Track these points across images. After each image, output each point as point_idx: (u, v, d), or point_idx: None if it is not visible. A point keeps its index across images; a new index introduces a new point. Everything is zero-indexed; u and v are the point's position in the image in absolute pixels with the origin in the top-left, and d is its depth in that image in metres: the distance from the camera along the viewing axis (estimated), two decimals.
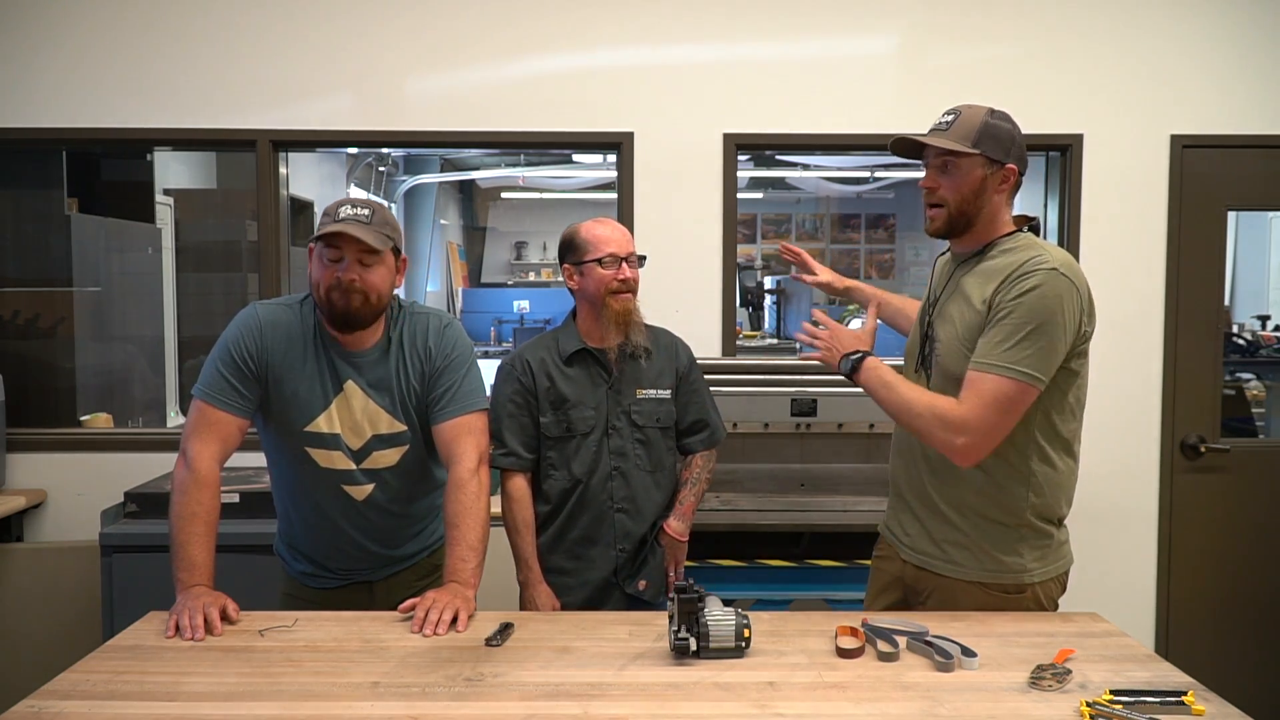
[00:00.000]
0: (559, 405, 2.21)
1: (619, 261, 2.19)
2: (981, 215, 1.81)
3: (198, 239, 4.79)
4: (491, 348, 7.76)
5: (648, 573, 2.27)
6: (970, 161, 1.77)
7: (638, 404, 2.25)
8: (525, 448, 2.22)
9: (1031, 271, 1.70)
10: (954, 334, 1.80)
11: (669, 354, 2.33)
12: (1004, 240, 1.82)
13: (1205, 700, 1.43)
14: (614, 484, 2.23)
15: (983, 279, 1.79)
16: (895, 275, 10.88)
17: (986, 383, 1.69)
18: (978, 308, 1.76)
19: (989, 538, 1.83)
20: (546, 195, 9.84)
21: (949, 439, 1.72)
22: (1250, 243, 6.39)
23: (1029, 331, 1.68)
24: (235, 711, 1.41)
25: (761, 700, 1.43)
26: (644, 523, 2.26)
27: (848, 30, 3.30)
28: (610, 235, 2.21)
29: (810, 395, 2.92)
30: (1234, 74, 3.27)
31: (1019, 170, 1.81)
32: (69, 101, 3.23)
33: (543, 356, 2.24)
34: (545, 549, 2.24)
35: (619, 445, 2.23)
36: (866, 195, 9.67)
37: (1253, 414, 4.06)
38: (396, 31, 3.25)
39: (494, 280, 11.07)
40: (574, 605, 2.21)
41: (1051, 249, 1.77)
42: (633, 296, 2.22)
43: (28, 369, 3.47)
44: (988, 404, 1.69)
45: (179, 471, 1.86)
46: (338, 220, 1.85)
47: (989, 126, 1.77)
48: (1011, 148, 1.79)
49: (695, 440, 2.36)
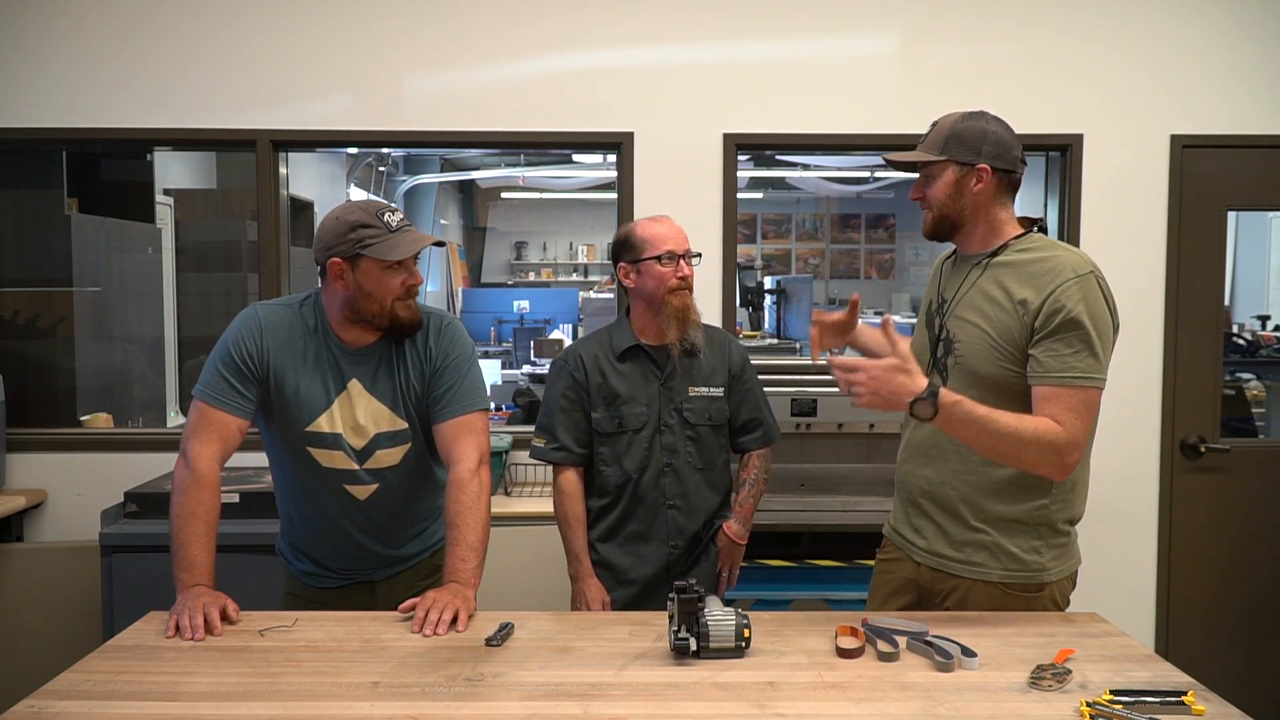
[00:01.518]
0: (611, 401, 2.24)
1: (677, 259, 2.22)
2: (969, 215, 1.85)
3: (198, 239, 4.80)
4: (491, 348, 7.76)
5: (699, 571, 2.29)
6: (941, 167, 1.83)
7: (689, 401, 2.27)
8: (577, 443, 2.25)
9: (1075, 278, 1.73)
10: (980, 334, 1.80)
11: (721, 352, 2.35)
12: (1018, 241, 1.84)
13: (1205, 700, 1.43)
14: (666, 480, 2.25)
15: (1009, 279, 1.80)
16: (895, 275, 10.89)
17: (1076, 396, 1.71)
18: (1008, 307, 1.77)
19: (1013, 539, 1.83)
20: (546, 195, 9.84)
21: (1062, 461, 1.71)
22: (1250, 243, 6.40)
23: (1093, 338, 1.72)
24: (235, 711, 1.40)
25: (761, 700, 1.43)
26: (697, 520, 2.28)
27: (848, 30, 3.30)
28: (668, 233, 2.24)
29: (810, 395, 2.92)
30: (1234, 74, 3.27)
31: (993, 169, 1.81)
32: (69, 101, 3.23)
33: (596, 353, 2.28)
34: (599, 541, 2.27)
35: (670, 442, 2.25)
36: (866, 195, 9.67)
37: (1253, 414, 4.06)
38: (396, 31, 3.25)
39: (494, 280, 11.08)
40: (625, 600, 2.24)
41: (1072, 250, 1.81)
42: (690, 293, 2.25)
43: (28, 369, 3.47)
44: (1084, 417, 1.71)
45: (179, 472, 1.86)
46: (394, 231, 1.87)
47: (957, 130, 1.82)
48: (983, 145, 1.81)
49: (749, 439, 2.38)
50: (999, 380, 1.77)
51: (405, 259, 1.87)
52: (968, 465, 1.83)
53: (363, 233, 1.85)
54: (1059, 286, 1.73)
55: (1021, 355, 1.76)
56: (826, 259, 10.93)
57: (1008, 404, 1.73)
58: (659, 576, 2.26)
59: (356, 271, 1.87)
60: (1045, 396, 1.72)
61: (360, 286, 1.87)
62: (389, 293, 1.88)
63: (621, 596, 2.25)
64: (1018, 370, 1.76)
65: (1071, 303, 1.71)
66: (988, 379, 1.78)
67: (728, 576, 2.38)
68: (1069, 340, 1.71)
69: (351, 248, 1.85)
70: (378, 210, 1.88)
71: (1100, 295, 1.74)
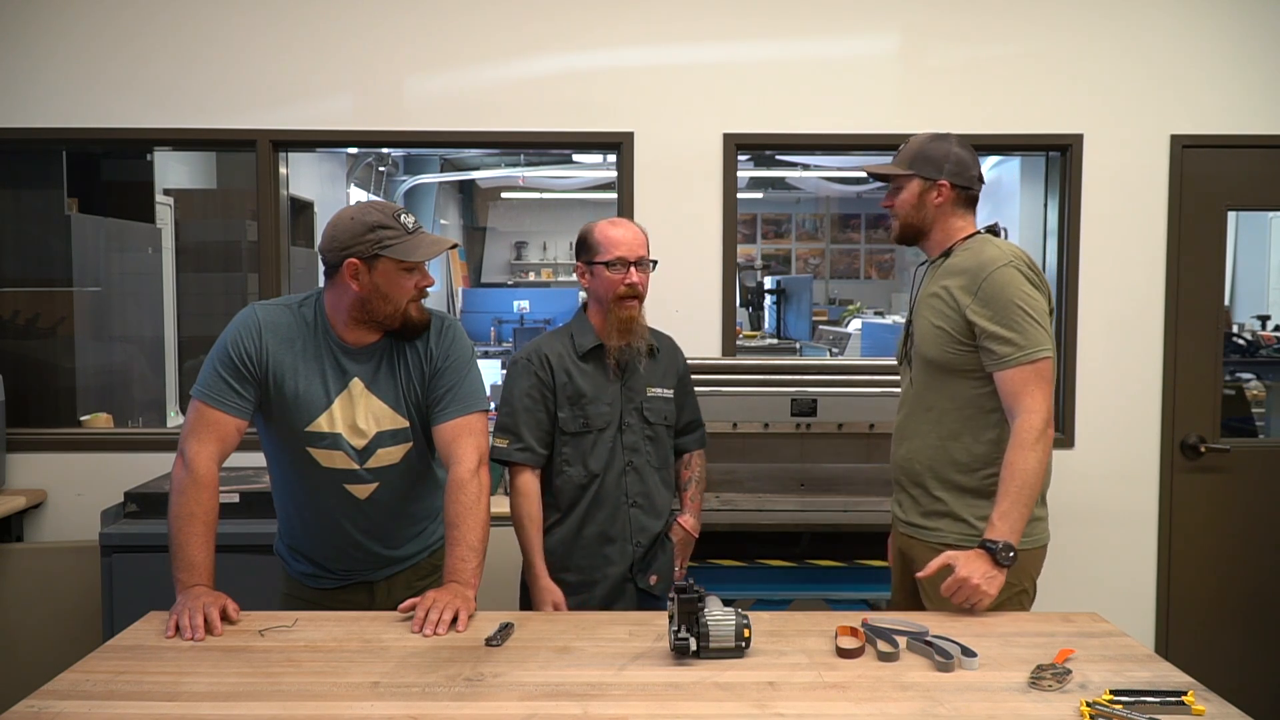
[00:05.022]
0: (576, 400, 2.22)
1: (627, 265, 2.18)
2: (930, 224, 2.09)
3: (198, 239, 4.80)
4: (491, 348, 7.76)
5: (658, 568, 2.29)
6: (908, 180, 2.09)
7: (649, 401, 2.27)
8: (540, 443, 2.22)
9: (993, 271, 1.94)
10: (929, 326, 2.04)
11: (670, 355, 2.38)
12: (961, 244, 2.07)
13: (1205, 700, 1.43)
14: (628, 479, 2.25)
15: (948, 276, 2.03)
16: (895, 275, 10.88)
17: (1029, 372, 1.90)
18: (947, 300, 2.00)
19: (969, 507, 2.00)
20: (546, 195, 9.84)
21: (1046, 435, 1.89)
22: (1250, 243, 6.40)
23: (1027, 316, 1.91)
24: (235, 711, 1.40)
25: (761, 700, 1.43)
26: (658, 518, 2.29)
27: (848, 30, 3.30)
28: (621, 237, 2.20)
29: (810, 395, 2.92)
30: (1234, 74, 3.27)
31: (952, 185, 2.06)
32: (69, 101, 3.23)
33: (560, 351, 2.25)
34: (563, 548, 2.23)
35: (632, 441, 2.25)
36: (866, 195, 9.67)
37: (1253, 414, 4.06)
38: (396, 31, 3.25)
39: (494, 280, 11.08)
40: (594, 601, 2.21)
41: (1002, 244, 2.02)
42: (638, 304, 2.22)
43: (28, 369, 3.47)
44: (1043, 389, 1.90)
45: (177, 472, 1.86)
46: (411, 232, 1.88)
47: (924, 150, 2.08)
48: (945, 164, 2.06)
49: (690, 439, 2.43)
50: (944, 362, 2.01)
51: (419, 264, 1.88)
52: (927, 441, 2.05)
53: (382, 234, 1.85)
54: (985, 279, 1.95)
55: (961, 339, 1.98)
56: (826, 259, 10.93)
57: (950, 379, 2.01)
58: (623, 575, 2.24)
59: (373, 272, 1.87)
60: (1006, 380, 1.93)
61: (376, 287, 1.88)
62: (404, 294, 1.89)
63: (591, 598, 2.21)
64: (959, 351, 1.98)
65: (996, 294, 1.93)
66: (935, 362, 2.03)
67: (680, 570, 2.38)
68: (1008, 325, 1.91)
69: (370, 248, 1.85)
70: (394, 212, 1.89)
71: (1022, 278, 1.94)
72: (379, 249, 1.85)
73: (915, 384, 2.10)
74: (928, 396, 2.06)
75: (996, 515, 1.86)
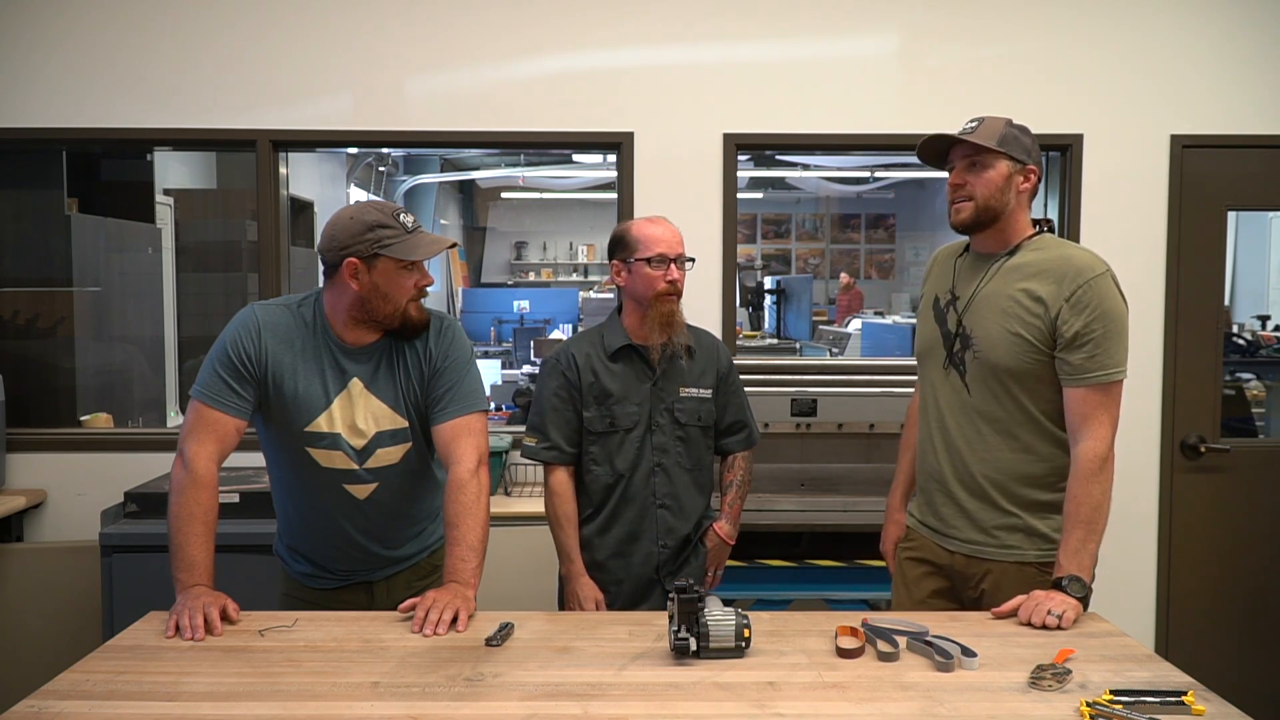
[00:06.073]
0: (603, 400, 2.23)
1: (667, 262, 2.20)
2: (1007, 211, 1.94)
3: (198, 239, 4.80)
4: (491, 348, 7.76)
5: (689, 572, 2.30)
6: (997, 159, 1.91)
7: (680, 402, 2.27)
8: (568, 442, 2.25)
9: (1092, 279, 1.85)
10: (1001, 331, 1.90)
11: (710, 354, 2.35)
12: (1030, 241, 1.95)
13: (1205, 700, 1.43)
14: (656, 480, 2.25)
15: (1027, 278, 1.90)
16: (895, 275, 10.89)
17: (1104, 393, 1.86)
18: (1028, 304, 1.88)
19: (1044, 520, 1.93)
20: (546, 195, 9.86)
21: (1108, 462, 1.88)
22: (1250, 243, 6.41)
23: (1114, 335, 1.85)
24: (235, 711, 1.40)
25: (761, 700, 1.43)
26: (687, 521, 2.29)
27: (848, 30, 3.30)
28: (661, 235, 2.22)
29: (810, 395, 2.92)
30: (1234, 74, 3.27)
31: (1038, 173, 1.95)
32: (69, 101, 3.23)
33: (588, 351, 2.27)
34: (590, 543, 2.26)
35: (661, 442, 2.25)
36: (866, 195, 9.68)
37: (1253, 414, 4.06)
38: (396, 31, 3.25)
39: (494, 280, 11.10)
40: (618, 601, 2.24)
41: (1084, 249, 1.93)
42: (677, 300, 2.24)
43: (28, 369, 3.47)
44: (1112, 410, 1.87)
45: (176, 472, 1.86)
46: (411, 231, 1.88)
47: (1011, 132, 1.93)
48: (1032, 151, 1.94)
49: (734, 441, 2.39)
50: (1018, 370, 1.90)
51: (418, 260, 1.89)
52: (995, 454, 1.94)
53: (381, 233, 1.85)
54: (1079, 288, 1.84)
55: (1042, 348, 1.87)
56: (826, 259, 10.93)
57: (1022, 387, 1.90)
58: (649, 577, 2.26)
59: (373, 271, 1.87)
60: (1077, 399, 1.86)
61: (376, 286, 1.88)
62: (404, 293, 1.89)
63: (615, 596, 2.25)
64: (1036, 360, 1.88)
65: (1093, 304, 1.84)
66: (1008, 371, 1.90)
67: (713, 577, 2.39)
68: (1097, 340, 1.84)
69: (370, 247, 1.85)
70: (393, 211, 1.89)
71: (1116, 292, 1.87)
72: (378, 248, 1.85)
73: (972, 391, 1.95)
74: (989, 406, 1.93)
75: (1065, 554, 1.81)
